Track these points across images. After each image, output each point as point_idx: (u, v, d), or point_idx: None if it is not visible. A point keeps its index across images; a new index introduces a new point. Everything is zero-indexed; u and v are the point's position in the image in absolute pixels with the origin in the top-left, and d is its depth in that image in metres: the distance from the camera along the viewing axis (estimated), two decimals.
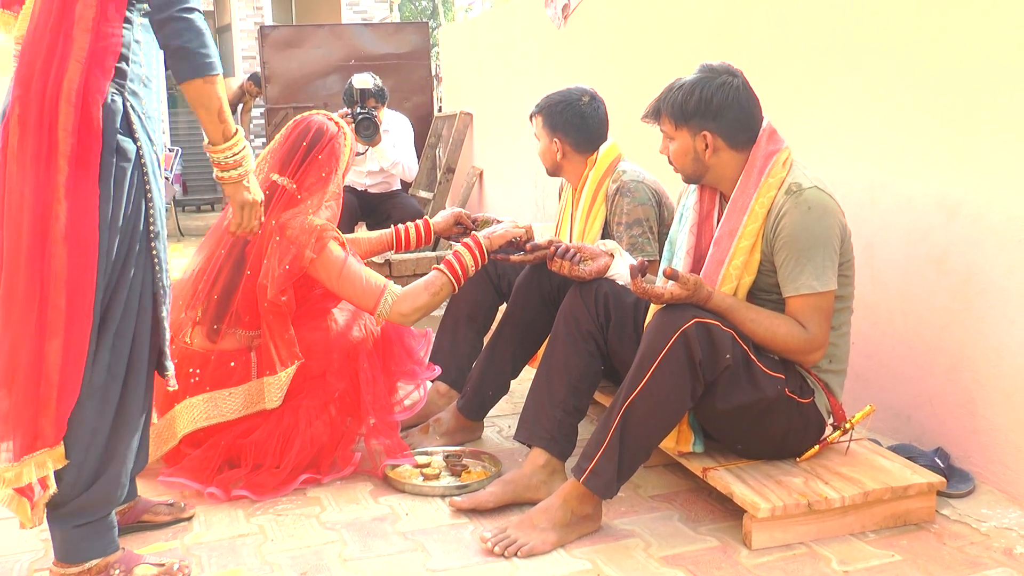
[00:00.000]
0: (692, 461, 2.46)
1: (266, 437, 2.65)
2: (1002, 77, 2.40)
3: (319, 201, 2.70)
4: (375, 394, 2.72)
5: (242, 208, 2.16)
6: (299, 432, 2.65)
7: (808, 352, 2.30)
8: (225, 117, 2.02)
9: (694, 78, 2.35)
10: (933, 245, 2.64)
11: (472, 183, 6.84)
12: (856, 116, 2.91)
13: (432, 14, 20.83)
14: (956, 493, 2.45)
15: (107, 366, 1.95)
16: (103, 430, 1.97)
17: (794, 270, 2.27)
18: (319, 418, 2.69)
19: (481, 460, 2.81)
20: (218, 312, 2.71)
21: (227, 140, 2.05)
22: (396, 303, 2.63)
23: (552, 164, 3.11)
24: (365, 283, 2.64)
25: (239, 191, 2.13)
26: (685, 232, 2.48)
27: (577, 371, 2.51)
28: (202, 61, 1.95)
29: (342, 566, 2.21)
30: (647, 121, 2.47)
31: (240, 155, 2.08)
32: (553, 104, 3.05)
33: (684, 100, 2.33)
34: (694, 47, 3.78)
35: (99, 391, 1.94)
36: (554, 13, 5.17)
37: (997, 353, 2.46)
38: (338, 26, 8.40)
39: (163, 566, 2.12)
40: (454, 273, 2.71)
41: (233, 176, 2.10)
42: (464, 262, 2.72)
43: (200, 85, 1.97)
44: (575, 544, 2.26)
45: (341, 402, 2.75)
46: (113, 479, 2.01)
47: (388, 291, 2.63)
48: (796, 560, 2.17)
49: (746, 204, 2.31)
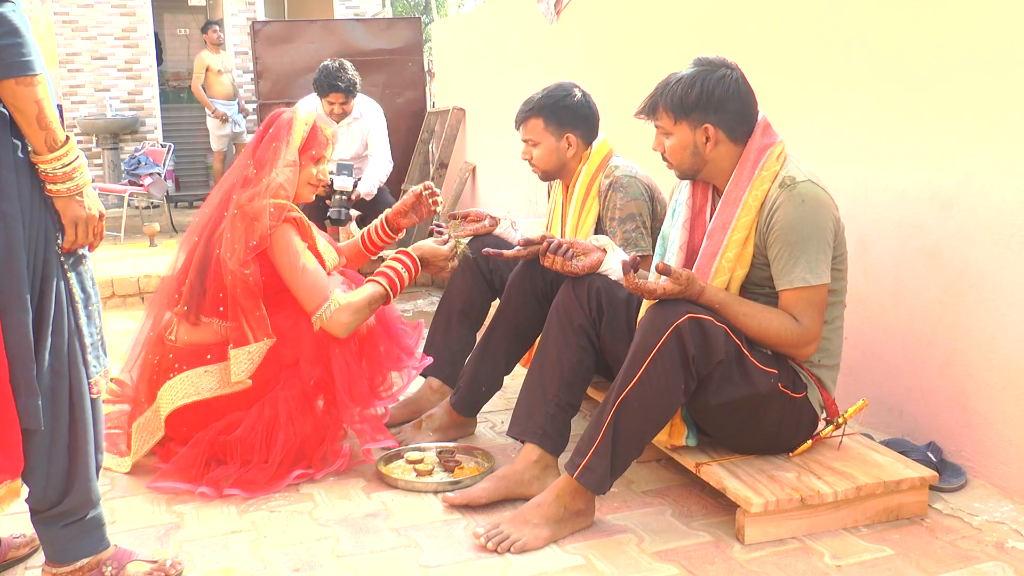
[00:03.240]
0: (685, 456, 2.46)
1: (249, 431, 2.65)
2: (995, 71, 2.40)
3: (270, 169, 2.73)
4: (350, 380, 2.70)
5: (75, 224, 1.89)
6: (280, 424, 2.65)
7: (801, 345, 2.30)
8: (48, 123, 1.81)
9: (692, 71, 2.34)
10: (926, 239, 2.64)
11: (465, 178, 6.83)
12: (849, 111, 2.91)
13: (425, 9, 20.79)
14: (948, 487, 2.46)
15: (49, 366, 1.90)
16: (60, 431, 1.93)
17: (787, 263, 2.27)
18: (299, 408, 2.68)
19: (474, 456, 2.81)
20: (194, 295, 2.72)
21: (53, 150, 1.83)
22: (337, 312, 2.64)
23: (558, 164, 3.03)
24: (312, 283, 2.66)
25: (71, 206, 1.88)
26: (678, 228, 2.48)
27: (570, 366, 2.51)
28: (15, 60, 1.74)
29: (335, 562, 2.20)
30: (641, 117, 2.45)
31: (71, 166, 1.86)
32: (555, 101, 2.99)
33: (684, 93, 2.32)
34: (686, 43, 3.78)
35: (47, 392, 1.89)
36: (546, 8, 5.17)
37: (990, 347, 2.46)
38: (330, 21, 8.38)
39: (156, 563, 2.11)
40: (392, 286, 2.75)
41: (62, 190, 1.86)
42: (401, 276, 2.78)
43: (12, 87, 1.76)
44: (568, 540, 2.26)
45: (319, 390, 2.73)
46: (85, 477, 1.98)
47: (332, 299, 2.65)
48: (789, 555, 2.17)
49: (739, 197, 2.31)
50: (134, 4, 11.06)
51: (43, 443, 1.92)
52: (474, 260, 3.16)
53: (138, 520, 2.47)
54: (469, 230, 3.21)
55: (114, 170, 10.34)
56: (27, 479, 1.96)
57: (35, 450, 1.92)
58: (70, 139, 1.87)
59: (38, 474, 1.94)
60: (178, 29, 12.68)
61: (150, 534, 2.38)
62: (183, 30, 12.66)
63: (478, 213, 3.23)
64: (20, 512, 2.15)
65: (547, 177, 3.10)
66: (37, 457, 1.93)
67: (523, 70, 5.65)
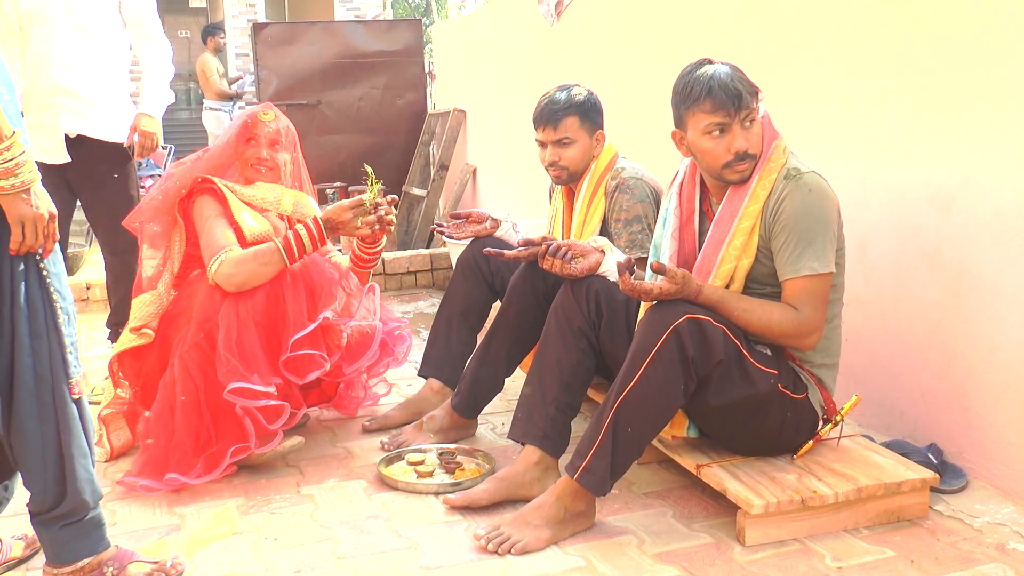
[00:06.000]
0: (685, 458, 2.46)
1: (159, 401, 2.71)
2: (995, 73, 2.40)
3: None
4: (240, 336, 2.67)
5: (21, 223, 1.82)
6: (176, 377, 2.68)
7: (803, 336, 2.29)
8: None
9: (715, 68, 2.28)
10: (926, 241, 2.64)
11: (466, 180, 6.83)
12: (848, 112, 2.91)
13: (425, 11, 20.76)
14: (949, 489, 2.46)
15: (31, 369, 1.89)
16: (50, 434, 1.93)
17: (794, 252, 2.26)
18: (196, 361, 2.68)
19: (475, 457, 2.81)
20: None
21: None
22: (222, 264, 2.72)
23: (586, 164, 2.98)
24: (210, 241, 2.80)
25: (16, 204, 1.80)
26: (667, 237, 2.48)
27: (569, 368, 2.51)
28: None
29: (336, 563, 2.20)
30: (727, 116, 2.26)
31: (15, 161, 1.78)
32: (585, 99, 2.95)
33: (739, 81, 2.26)
34: (686, 44, 3.78)
35: (31, 396, 1.89)
36: (547, 10, 5.17)
37: (990, 349, 2.46)
38: (331, 23, 8.39)
39: (157, 563, 2.11)
40: (288, 249, 2.77)
41: (5, 186, 1.78)
42: (299, 237, 2.78)
43: None
44: (568, 541, 2.26)
45: (211, 343, 2.70)
46: (80, 478, 1.97)
47: (224, 252, 2.73)
48: (790, 556, 2.17)
49: (747, 186, 2.32)
50: None
51: (36, 447, 1.92)
52: (475, 262, 3.16)
53: (139, 522, 2.47)
54: (470, 231, 3.21)
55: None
56: (26, 484, 1.97)
57: (30, 455, 1.92)
58: (16, 133, 1.79)
59: (35, 478, 1.94)
60: (179, 31, 12.70)
61: (151, 535, 2.38)
62: (184, 32, 12.68)
63: (479, 214, 3.23)
64: (21, 513, 2.16)
65: (571, 179, 3.01)
66: (33, 461, 1.93)
67: (524, 72, 5.65)
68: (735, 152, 2.28)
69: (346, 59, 7.65)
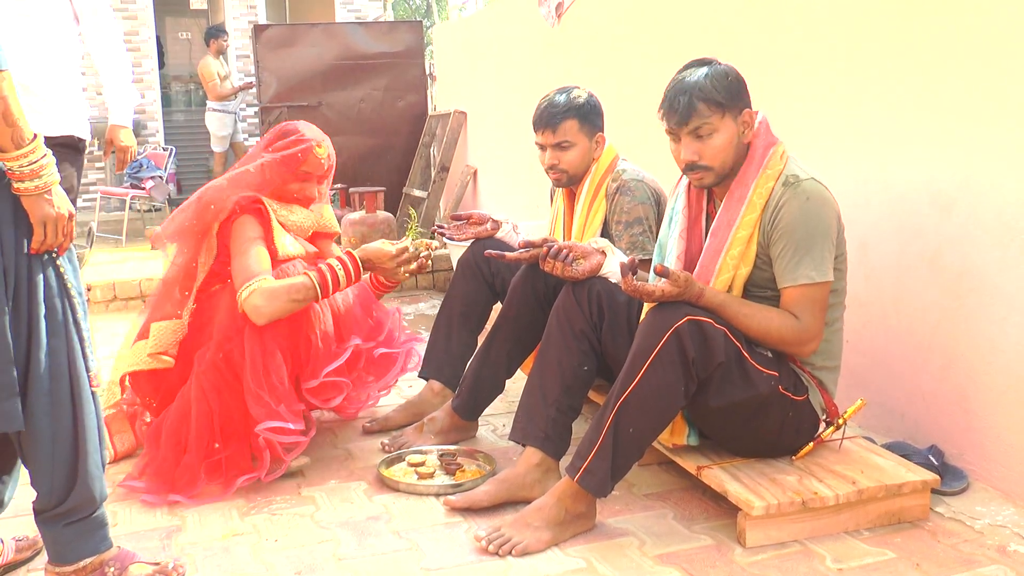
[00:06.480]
0: (686, 459, 2.46)
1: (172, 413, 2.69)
2: (996, 74, 2.40)
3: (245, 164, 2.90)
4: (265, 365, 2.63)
5: (43, 223, 1.87)
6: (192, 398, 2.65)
7: (802, 343, 2.29)
8: (14, 120, 1.77)
9: (706, 68, 2.29)
10: (926, 243, 2.64)
11: (466, 182, 6.84)
12: (848, 114, 2.91)
13: (426, 13, 20.77)
14: (950, 491, 2.46)
15: (47, 368, 1.90)
16: (62, 432, 1.93)
17: (792, 260, 2.27)
18: (213, 384, 2.65)
19: (475, 459, 2.81)
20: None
21: (20, 147, 1.80)
22: (253, 294, 2.60)
23: (585, 167, 2.98)
24: (243, 266, 2.68)
25: (39, 205, 1.86)
26: (675, 237, 2.48)
27: (570, 370, 2.51)
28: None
29: (336, 565, 2.20)
30: (677, 128, 2.31)
31: (38, 164, 1.83)
32: (585, 102, 2.94)
33: (719, 83, 2.26)
34: (687, 45, 3.78)
35: (45, 393, 1.89)
36: (547, 12, 5.17)
37: (991, 350, 2.46)
38: (332, 25, 8.39)
39: (158, 564, 2.11)
40: (323, 283, 2.67)
41: (30, 188, 1.84)
42: (335, 273, 2.70)
43: None
44: (569, 543, 2.27)
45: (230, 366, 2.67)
46: (89, 475, 1.98)
47: (256, 281, 2.62)
48: (790, 558, 2.17)
49: (744, 194, 2.31)
50: (136, 8, 11.09)
51: (45, 444, 1.92)
52: (476, 263, 3.16)
53: (139, 523, 2.47)
54: (471, 233, 3.21)
55: (116, 173, 10.34)
56: (33, 481, 1.97)
57: (40, 452, 1.93)
58: (37, 136, 1.84)
59: (43, 475, 1.95)
60: (180, 33, 12.69)
61: (152, 537, 2.38)
62: (185, 34, 12.67)
63: (480, 216, 3.23)
64: (23, 515, 2.16)
65: (571, 182, 3.01)
66: (42, 458, 1.93)
67: (524, 73, 5.65)
68: (683, 162, 2.33)
69: (347, 61, 7.66)
